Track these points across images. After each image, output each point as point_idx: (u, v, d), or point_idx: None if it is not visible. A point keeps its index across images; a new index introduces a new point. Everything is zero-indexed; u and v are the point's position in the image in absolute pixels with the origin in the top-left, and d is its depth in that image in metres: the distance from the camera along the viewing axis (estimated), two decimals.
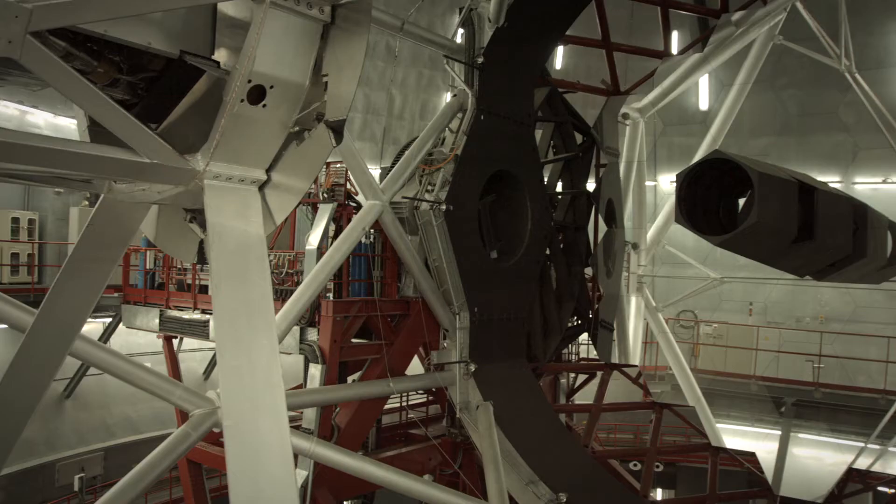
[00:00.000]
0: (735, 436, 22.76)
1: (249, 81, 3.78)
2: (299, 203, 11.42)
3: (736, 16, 13.99)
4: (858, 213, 11.06)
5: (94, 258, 4.28)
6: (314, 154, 4.22)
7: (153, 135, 3.67)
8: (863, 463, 18.56)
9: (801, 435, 23.46)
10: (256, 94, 3.86)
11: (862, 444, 19.61)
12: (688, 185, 9.28)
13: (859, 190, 27.20)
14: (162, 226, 4.72)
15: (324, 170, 11.25)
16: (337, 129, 4.09)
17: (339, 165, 11.17)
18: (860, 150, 25.88)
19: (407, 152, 11.06)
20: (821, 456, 21.96)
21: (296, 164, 4.22)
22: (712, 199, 9.94)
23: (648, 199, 27.95)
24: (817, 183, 10.45)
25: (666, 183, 29.31)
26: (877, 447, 19.92)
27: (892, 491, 11.36)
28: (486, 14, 11.39)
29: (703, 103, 27.46)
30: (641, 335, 19.38)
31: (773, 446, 21.98)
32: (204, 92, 4.06)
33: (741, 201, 9.77)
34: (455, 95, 11.53)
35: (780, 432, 22.63)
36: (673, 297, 23.97)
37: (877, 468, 15.53)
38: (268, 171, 4.20)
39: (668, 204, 20.05)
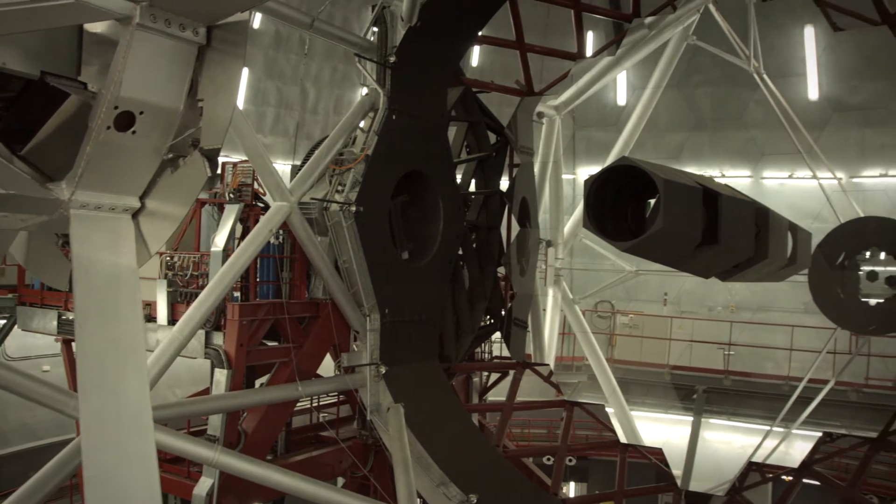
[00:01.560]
0: (650, 422, 23.48)
1: (116, 108, 3.55)
2: (205, 203, 11.25)
3: (647, 20, 14.20)
4: (760, 217, 11.41)
5: None
6: (191, 180, 4.03)
7: (6, 163, 3.42)
8: (768, 445, 19.38)
9: (711, 420, 24.34)
10: (125, 121, 3.63)
11: (768, 428, 20.48)
12: (596, 190, 9.35)
13: (767, 185, 28.26)
14: (33, 249, 4.47)
15: (231, 169, 10.97)
16: (211, 158, 3.91)
17: (246, 165, 10.88)
18: (768, 147, 26.81)
19: (316, 152, 10.90)
20: (730, 440, 22.85)
21: (171, 190, 4.02)
22: (622, 203, 10.09)
23: (567, 192, 28.37)
24: (721, 188, 10.74)
25: (584, 176, 29.81)
26: (781, 430, 20.84)
27: (790, 479, 11.83)
28: (398, 12, 11.26)
29: (621, 99, 27.98)
30: (558, 328, 19.66)
31: (686, 432, 22.76)
32: (73, 112, 3.84)
33: (652, 201, 9.95)
34: (366, 94, 11.38)
35: (691, 418, 23.43)
36: (590, 288, 24.40)
37: (775, 459, 16.17)
38: (141, 198, 3.99)
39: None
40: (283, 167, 23.41)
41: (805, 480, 11.89)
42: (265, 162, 10.05)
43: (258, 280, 10.60)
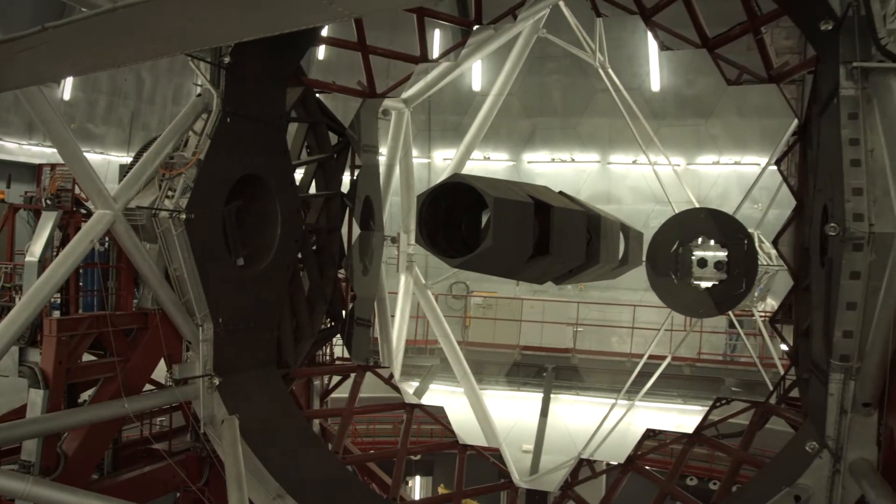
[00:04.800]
0: (503, 400, 24.26)
1: None
2: (19, 208, 10.49)
3: (488, 30, 14.33)
4: (592, 224, 11.85)
5: None
6: None
7: None
8: (615, 415, 20.46)
9: (561, 396, 25.44)
10: None
11: (612, 401, 21.62)
12: (429, 205, 9.39)
13: (614, 170, 29.55)
14: None
15: (48, 172, 10.28)
16: None
17: (66, 168, 10.20)
18: (614, 134, 27.99)
19: (144, 156, 10.32)
20: (578, 414, 23.94)
21: None
22: (456, 215, 10.21)
23: (423, 175, 28.53)
24: (554, 198, 11.06)
25: (439, 159, 30.12)
26: (625, 402, 22.07)
27: (620, 474, 12.55)
28: None
29: (476, 85, 28.33)
30: (408, 316, 19.81)
31: (537, 409, 23.68)
32: None
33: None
34: (199, 95, 10.91)
35: (542, 396, 24.39)
36: (446, 272, 24.77)
37: (601, 455, 17.09)
38: None
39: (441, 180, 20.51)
40: (117, 159, 22.29)
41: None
42: (85, 168, 9.43)
43: (80, 292, 10.04)
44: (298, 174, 13.86)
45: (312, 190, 14.27)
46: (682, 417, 21.55)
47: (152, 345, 10.41)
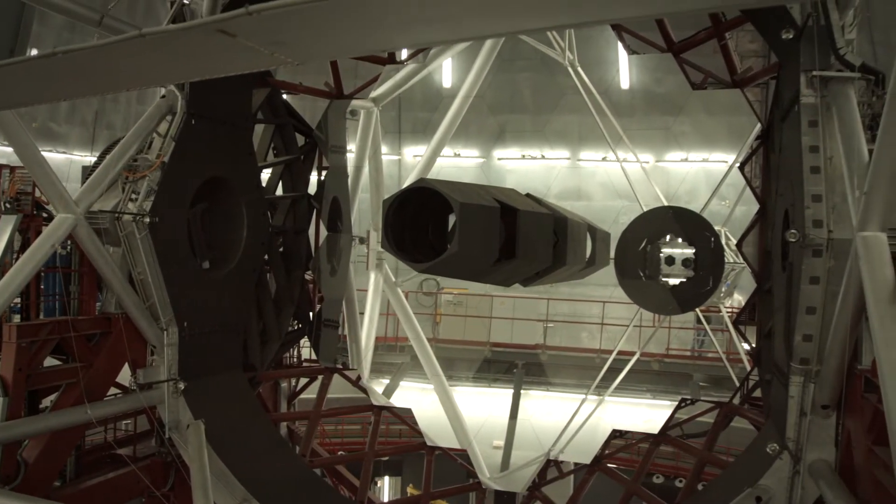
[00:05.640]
0: (473, 396, 24.33)
1: None
2: None
3: None
4: (559, 227, 11.92)
5: None
6: None
7: None
8: (585, 411, 20.60)
9: (531, 392, 25.57)
10: None
11: (582, 397, 21.76)
12: (395, 210, 9.38)
13: (584, 167, 29.69)
14: None
15: (7, 175, 10.08)
16: None
17: (25, 171, 10.02)
18: (584, 131, 28.09)
19: (107, 158, 10.18)
20: (548, 410, 24.10)
21: None
22: (424, 218, 10.22)
23: (393, 172, 28.46)
24: (521, 201, 11.10)
25: (410, 156, 30.08)
26: (595, 398, 22.22)
27: (587, 475, 12.66)
28: (199, 10, 10.66)
29: (446, 81, 28.28)
30: (378, 311, 19.77)
31: (507, 406, 23.78)
32: None
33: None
34: (164, 97, 10.77)
35: (512, 392, 24.49)
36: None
37: (571, 451, 17.21)
38: None
39: (411, 177, 20.50)
40: (80, 158, 21.81)
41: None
42: (45, 171, 9.31)
43: (41, 296, 9.89)
44: (265, 175, 13.75)
45: (279, 191, 14.16)
46: (652, 412, 21.79)
47: (116, 350, 10.28)
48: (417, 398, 22.45)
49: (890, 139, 6.08)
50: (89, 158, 21.23)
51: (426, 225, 10.40)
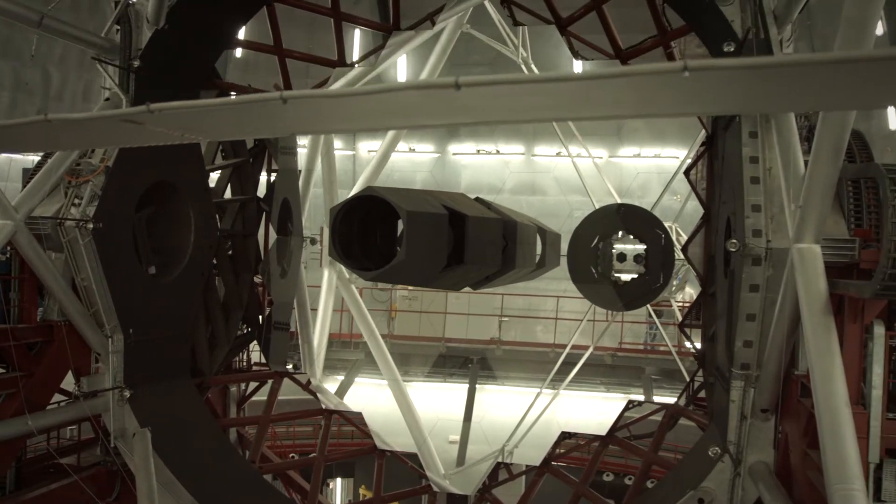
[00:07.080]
0: (428, 392, 24.39)
1: None
2: None
3: (405, 34, 14.21)
4: (508, 231, 11.96)
5: None
6: None
7: None
8: (540, 405, 20.79)
9: (486, 387, 25.70)
10: None
11: (537, 391, 21.96)
12: (343, 218, 9.33)
13: (538, 161, 29.85)
14: None
15: None
16: None
17: None
18: (539, 126, 28.22)
19: (49, 162, 9.98)
20: (503, 405, 24.26)
21: None
22: (372, 225, 10.17)
23: (347, 167, 28.30)
24: (470, 207, 11.12)
25: (364, 151, 29.95)
26: (550, 392, 22.43)
27: (537, 476, 12.79)
28: (144, 12, 10.45)
29: (401, 77, 28.16)
30: (331, 308, 19.67)
31: (462, 401, 23.90)
32: None
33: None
34: (107, 99, 10.56)
35: (467, 386, 24.62)
36: None
37: (526, 446, 17.38)
38: None
39: (366, 172, 20.42)
40: (22, 158, 21.12)
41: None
42: None
43: None
44: (214, 178, 13.56)
45: (228, 194, 13.98)
46: (605, 405, 22.03)
47: (58, 358, 10.09)
48: (373, 394, 22.42)
49: (823, 154, 6.25)
50: (31, 157, 20.70)
51: (375, 231, 10.36)
